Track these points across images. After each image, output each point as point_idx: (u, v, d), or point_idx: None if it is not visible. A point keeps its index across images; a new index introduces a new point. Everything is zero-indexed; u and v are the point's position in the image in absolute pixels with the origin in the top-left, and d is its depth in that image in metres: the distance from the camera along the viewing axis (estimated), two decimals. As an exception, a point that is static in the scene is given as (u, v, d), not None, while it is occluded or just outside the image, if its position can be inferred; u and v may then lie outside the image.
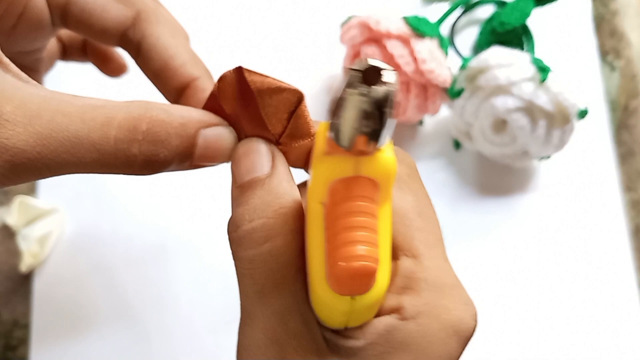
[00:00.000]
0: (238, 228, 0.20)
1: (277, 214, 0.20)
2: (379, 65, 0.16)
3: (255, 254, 0.20)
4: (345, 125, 0.17)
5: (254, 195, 0.20)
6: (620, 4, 0.52)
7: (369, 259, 0.17)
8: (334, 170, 0.18)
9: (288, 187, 0.21)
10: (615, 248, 0.45)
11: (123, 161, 0.20)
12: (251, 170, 0.21)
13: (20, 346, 0.42)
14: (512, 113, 0.40)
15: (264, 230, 0.20)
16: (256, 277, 0.20)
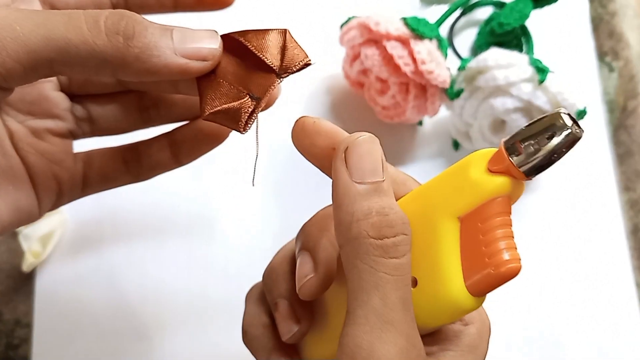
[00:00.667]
0: (385, 238, 0.22)
1: (408, 231, 0.22)
2: (570, 113, 0.20)
3: (399, 263, 0.22)
4: (543, 156, 0.21)
5: (384, 205, 0.22)
6: (619, 5, 0.52)
7: (519, 262, 0.22)
8: (500, 189, 0.21)
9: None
10: (613, 248, 0.45)
11: (92, 24, 0.22)
12: (375, 172, 0.22)
13: (22, 345, 0.42)
14: (511, 113, 0.41)
15: (405, 244, 0.22)
16: (399, 285, 0.22)
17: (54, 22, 0.21)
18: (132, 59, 0.22)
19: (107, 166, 0.31)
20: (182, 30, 0.23)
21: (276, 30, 0.24)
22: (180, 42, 0.23)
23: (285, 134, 0.47)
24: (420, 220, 0.23)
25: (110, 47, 0.22)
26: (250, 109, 0.24)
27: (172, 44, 0.23)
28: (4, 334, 0.42)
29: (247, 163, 0.46)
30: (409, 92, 0.43)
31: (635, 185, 0.47)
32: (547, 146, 0.20)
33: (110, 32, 0.22)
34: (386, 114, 0.45)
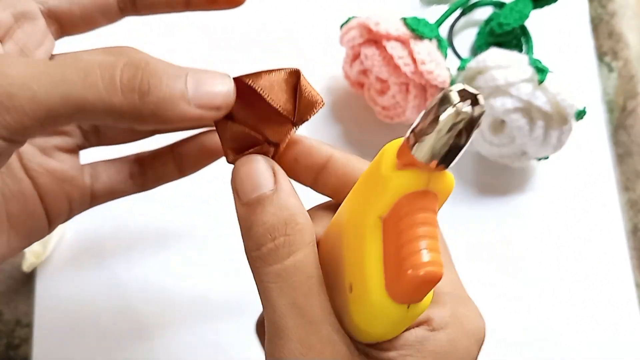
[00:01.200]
0: (261, 246, 0.21)
1: (295, 230, 0.21)
2: (472, 90, 0.18)
3: (280, 268, 0.21)
4: (436, 140, 0.18)
5: (265, 213, 0.22)
6: (619, 5, 0.52)
7: (439, 266, 0.19)
8: (409, 184, 0.19)
9: (297, 202, 0.22)
10: (613, 248, 0.45)
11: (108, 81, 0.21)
12: (256, 188, 0.22)
13: (22, 345, 0.42)
14: (511, 113, 0.41)
15: (286, 247, 0.21)
16: (285, 290, 0.21)
17: (71, 81, 0.21)
18: (147, 114, 0.22)
19: (114, 180, 0.31)
20: (195, 75, 0.23)
21: (288, 70, 0.24)
22: (195, 91, 0.22)
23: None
24: (352, 222, 0.21)
25: (127, 105, 0.22)
26: (270, 154, 0.24)
27: (187, 94, 0.22)
28: (4, 334, 0.42)
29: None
30: (408, 92, 0.43)
31: (635, 185, 0.47)
32: (435, 130, 0.18)
33: (126, 90, 0.22)
34: (386, 114, 0.45)
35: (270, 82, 0.24)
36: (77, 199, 0.29)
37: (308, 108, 0.24)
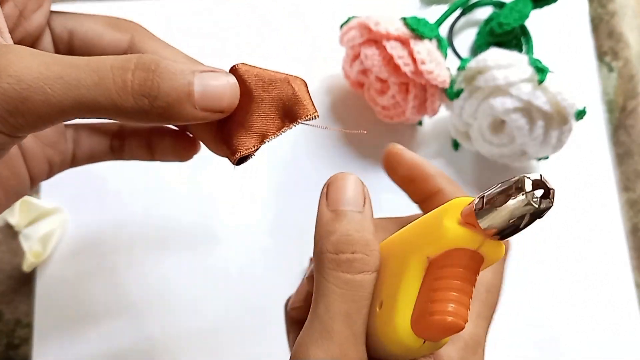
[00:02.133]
0: (340, 253, 0.23)
1: (372, 253, 0.24)
2: (548, 183, 0.20)
3: (350, 278, 0.23)
4: (500, 216, 0.20)
5: (350, 227, 0.24)
6: (619, 5, 0.52)
7: (461, 319, 0.21)
8: (463, 240, 0.21)
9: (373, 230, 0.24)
10: (612, 247, 0.45)
11: (121, 86, 0.22)
12: (351, 202, 0.24)
13: (22, 345, 0.42)
14: (511, 113, 0.41)
15: (362, 263, 0.23)
16: (345, 299, 0.23)
17: (84, 85, 0.22)
18: (155, 116, 0.23)
19: (95, 148, 0.32)
20: (201, 77, 0.24)
21: (288, 78, 0.26)
22: (201, 95, 0.24)
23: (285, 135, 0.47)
24: (399, 253, 0.23)
25: (137, 108, 0.23)
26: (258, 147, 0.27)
27: (194, 98, 0.23)
28: (4, 334, 0.42)
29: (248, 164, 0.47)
30: (408, 92, 0.43)
31: (635, 185, 0.47)
32: (501, 207, 0.20)
33: (137, 95, 0.23)
34: (386, 114, 0.45)
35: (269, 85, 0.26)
36: (57, 162, 0.30)
37: (300, 113, 0.26)
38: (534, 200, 0.19)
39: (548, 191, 0.20)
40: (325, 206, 0.25)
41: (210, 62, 0.51)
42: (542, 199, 0.19)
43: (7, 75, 0.21)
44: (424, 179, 0.27)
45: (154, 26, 0.50)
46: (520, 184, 0.20)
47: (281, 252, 0.44)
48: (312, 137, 0.47)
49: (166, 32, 0.50)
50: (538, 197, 0.19)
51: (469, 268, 0.22)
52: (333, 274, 0.23)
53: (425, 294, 0.22)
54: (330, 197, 0.25)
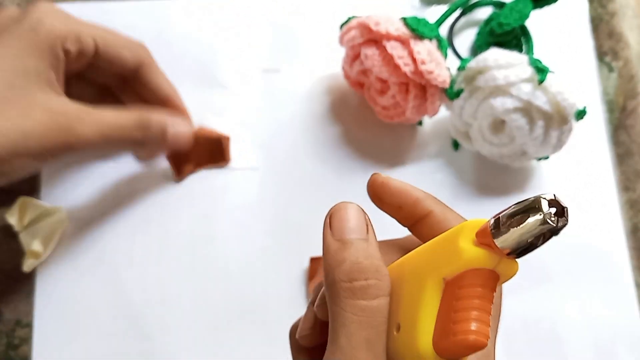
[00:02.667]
0: (354, 281, 0.24)
1: (383, 278, 0.24)
2: (562, 202, 0.21)
3: (367, 305, 0.24)
4: (517, 236, 0.21)
5: (359, 255, 0.24)
6: (619, 5, 0.52)
7: (484, 337, 0.22)
8: (481, 261, 0.22)
9: (379, 256, 0.25)
10: (612, 247, 0.45)
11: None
12: (355, 231, 0.25)
13: (22, 345, 0.42)
14: (511, 113, 0.41)
15: (376, 289, 0.24)
16: (364, 325, 0.23)
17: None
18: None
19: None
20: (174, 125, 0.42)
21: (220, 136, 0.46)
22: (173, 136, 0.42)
23: (285, 135, 0.48)
24: (414, 275, 0.24)
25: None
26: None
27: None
28: (4, 333, 0.42)
29: (247, 163, 0.47)
30: (408, 92, 0.43)
31: (635, 185, 0.47)
32: (519, 227, 0.21)
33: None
34: (386, 114, 0.45)
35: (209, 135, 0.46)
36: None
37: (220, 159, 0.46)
38: (551, 219, 0.21)
39: (562, 210, 0.21)
40: (330, 236, 0.25)
41: (211, 62, 0.52)
42: (558, 218, 0.21)
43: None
44: (412, 203, 0.28)
45: (154, 26, 0.50)
46: (536, 204, 0.21)
47: (281, 251, 0.44)
48: (312, 138, 0.47)
49: (166, 33, 0.50)
50: (555, 217, 0.21)
51: (486, 286, 0.22)
52: (350, 303, 0.24)
53: (446, 314, 0.23)
54: (335, 226, 0.25)
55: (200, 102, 0.48)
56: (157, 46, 0.49)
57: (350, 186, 0.46)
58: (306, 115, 0.48)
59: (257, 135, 0.47)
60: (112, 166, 0.46)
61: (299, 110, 0.48)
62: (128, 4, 0.51)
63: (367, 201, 0.28)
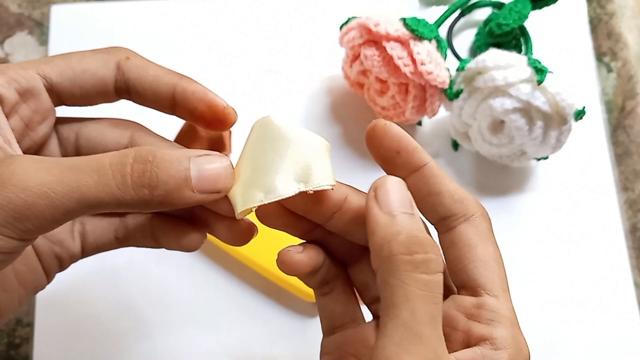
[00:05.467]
0: (414, 253, 0.23)
1: (440, 252, 0.24)
2: None
3: (429, 279, 0.23)
4: None
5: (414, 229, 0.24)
6: (617, 6, 0.52)
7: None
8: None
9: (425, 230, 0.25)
10: (611, 247, 0.45)
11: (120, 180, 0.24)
12: (404, 204, 0.24)
13: (23, 344, 0.42)
14: (510, 114, 0.41)
15: (436, 263, 0.23)
16: (429, 300, 0.23)
17: (85, 185, 0.23)
18: (156, 204, 0.24)
19: (101, 240, 0.33)
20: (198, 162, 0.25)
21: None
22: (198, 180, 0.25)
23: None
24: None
25: (138, 199, 0.24)
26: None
27: (191, 183, 0.25)
28: (5, 333, 0.43)
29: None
30: (408, 93, 0.43)
31: (634, 185, 0.47)
32: None
33: (137, 186, 0.24)
34: (386, 114, 0.46)
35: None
36: (66, 258, 0.31)
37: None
38: None
39: None
40: (378, 209, 0.24)
41: (210, 62, 0.52)
42: None
43: (12, 184, 0.23)
44: (411, 150, 0.27)
45: (153, 26, 0.50)
46: None
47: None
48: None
49: (165, 33, 0.50)
50: None
51: None
52: (413, 277, 0.23)
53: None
54: (382, 200, 0.24)
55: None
56: (158, 47, 0.49)
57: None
58: (306, 116, 0.48)
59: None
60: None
61: (299, 111, 0.48)
62: (130, 4, 0.51)
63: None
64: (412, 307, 0.22)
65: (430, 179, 0.26)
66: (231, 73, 0.49)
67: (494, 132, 0.43)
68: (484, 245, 0.26)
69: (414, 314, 0.22)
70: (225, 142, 0.46)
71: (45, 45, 0.49)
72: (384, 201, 0.24)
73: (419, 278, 0.23)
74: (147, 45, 0.49)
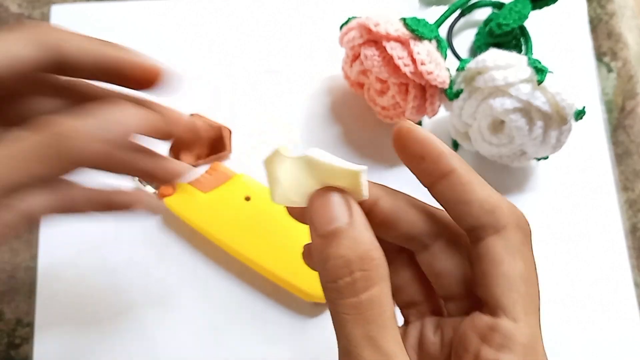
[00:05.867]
0: (338, 279, 0.22)
1: (371, 265, 0.22)
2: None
3: (357, 301, 0.22)
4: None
5: (341, 246, 0.22)
6: (618, 6, 0.52)
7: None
8: None
9: (371, 236, 0.23)
10: (612, 247, 0.45)
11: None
12: (332, 220, 0.23)
13: (23, 344, 0.42)
14: (510, 114, 0.41)
15: (363, 281, 0.22)
16: (360, 322, 0.22)
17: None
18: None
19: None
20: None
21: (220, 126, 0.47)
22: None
23: (285, 135, 0.48)
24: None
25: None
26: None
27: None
28: (5, 333, 0.43)
29: (248, 167, 0.47)
30: (408, 93, 0.43)
31: (634, 185, 0.47)
32: None
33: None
34: (386, 114, 0.46)
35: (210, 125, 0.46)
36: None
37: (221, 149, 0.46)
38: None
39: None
40: (313, 234, 0.23)
41: (211, 62, 0.52)
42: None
43: None
44: (436, 155, 0.25)
45: (153, 26, 0.50)
46: None
47: (281, 252, 0.44)
48: (312, 138, 0.47)
49: (164, 33, 0.50)
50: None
51: None
52: (340, 303, 0.22)
53: None
54: (313, 221, 0.23)
55: (201, 103, 0.48)
56: (158, 47, 0.49)
57: (350, 186, 0.46)
58: (306, 116, 0.48)
59: (257, 136, 0.47)
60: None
61: (299, 111, 0.48)
62: (130, 4, 0.51)
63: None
64: (346, 334, 0.22)
65: (457, 187, 0.25)
66: (231, 73, 0.49)
67: (494, 132, 0.43)
68: (512, 261, 0.24)
69: (350, 339, 0.22)
70: (225, 142, 0.46)
71: (45, 45, 0.49)
72: (315, 223, 0.23)
73: (346, 303, 0.22)
74: (147, 45, 0.49)
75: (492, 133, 0.43)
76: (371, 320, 0.22)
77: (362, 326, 0.22)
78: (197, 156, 0.46)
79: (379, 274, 0.22)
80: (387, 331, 0.22)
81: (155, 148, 0.32)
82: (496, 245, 0.24)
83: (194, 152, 0.46)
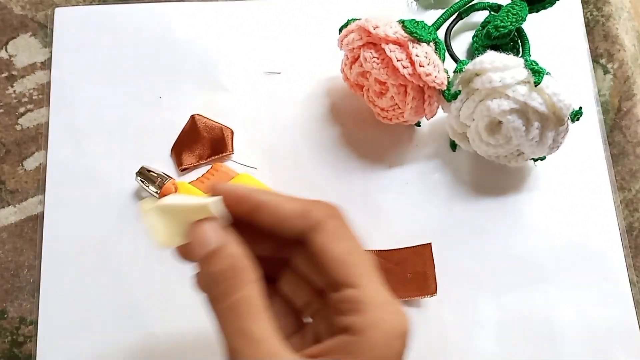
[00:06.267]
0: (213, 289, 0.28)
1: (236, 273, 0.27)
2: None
3: (228, 303, 0.27)
4: None
5: (212, 264, 0.27)
6: (614, 8, 0.53)
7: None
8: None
9: (237, 250, 0.28)
10: (608, 246, 0.46)
11: None
12: (203, 246, 0.28)
13: (26, 343, 0.43)
14: (507, 115, 0.41)
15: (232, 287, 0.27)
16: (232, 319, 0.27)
17: None
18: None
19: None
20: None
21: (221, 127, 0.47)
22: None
23: (285, 136, 0.48)
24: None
25: None
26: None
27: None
28: (9, 331, 0.43)
29: (250, 164, 0.47)
30: (407, 94, 0.43)
31: (630, 185, 0.48)
32: None
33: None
34: (385, 115, 0.46)
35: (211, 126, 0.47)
36: None
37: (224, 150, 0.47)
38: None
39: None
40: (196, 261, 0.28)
41: (213, 64, 0.52)
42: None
43: None
44: (242, 197, 0.29)
45: (155, 28, 0.50)
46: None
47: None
48: (312, 139, 0.48)
49: (167, 35, 0.50)
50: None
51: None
52: (217, 309, 0.27)
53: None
54: (193, 251, 0.28)
55: (203, 104, 0.48)
56: (160, 49, 0.50)
57: (349, 186, 0.46)
58: (306, 117, 0.48)
59: (257, 136, 0.48)
60: (114, 166, 0.46)
61: (299, 112, 0.49)
62: (132, 7, 0.51)
63: (365, 201, 0.28)
64: (224, 332, 0.26)
65: (267, 214, 0.28)
66: (232, 74, 0.49)
67: (491, 132, 0.43)
68: (335, 243, 0.28)
69: (226, 335, 0.26)
70: (227, 143, 0.46)
71: (49, 48, 0.50)
72: (195, 251, 0.28)
73: (221, 307, 0.27)
74: (150, 47, 0.50)
75: (490, 134, 0.43)
76: (241, 316, 0.26)
77: (234, 322, 0.26)
78: (199, 156, 0.46)
79: (246, 279, 0.27)
80: (257, 322, 0.26)
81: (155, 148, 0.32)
82: (317, 238, 0.28)
83: (196, 152, 0.46)
